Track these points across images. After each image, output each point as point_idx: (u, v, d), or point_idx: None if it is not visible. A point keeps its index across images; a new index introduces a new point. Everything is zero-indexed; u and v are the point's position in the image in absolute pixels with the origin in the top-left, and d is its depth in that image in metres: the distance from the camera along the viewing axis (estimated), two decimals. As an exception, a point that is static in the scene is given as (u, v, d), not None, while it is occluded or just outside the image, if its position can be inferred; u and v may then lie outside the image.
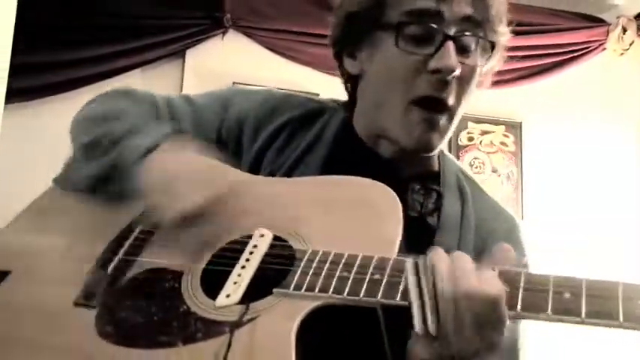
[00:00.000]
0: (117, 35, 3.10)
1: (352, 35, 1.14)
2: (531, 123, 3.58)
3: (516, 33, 3.77)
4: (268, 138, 1.18)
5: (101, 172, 1.11)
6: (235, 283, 0.91)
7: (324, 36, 3.39)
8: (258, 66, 3.29)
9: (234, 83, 3.16)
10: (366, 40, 1.12)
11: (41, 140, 2.81)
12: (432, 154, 1.14)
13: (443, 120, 1.08)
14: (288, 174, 1.15)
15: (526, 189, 3.51)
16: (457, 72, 1.03)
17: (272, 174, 1.15)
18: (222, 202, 1.04)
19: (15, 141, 2.72)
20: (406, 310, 0.80)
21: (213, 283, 0.94)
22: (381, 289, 0.83)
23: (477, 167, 3.48)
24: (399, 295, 0.81)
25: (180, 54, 3.25)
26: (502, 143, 3.54)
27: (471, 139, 3.51)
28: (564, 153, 3.59)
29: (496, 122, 3.54)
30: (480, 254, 1.01)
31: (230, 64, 3.26)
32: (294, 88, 3.20)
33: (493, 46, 1.09)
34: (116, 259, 1.03)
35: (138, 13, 3.14)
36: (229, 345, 0.82)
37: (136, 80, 3.14)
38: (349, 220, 0.97)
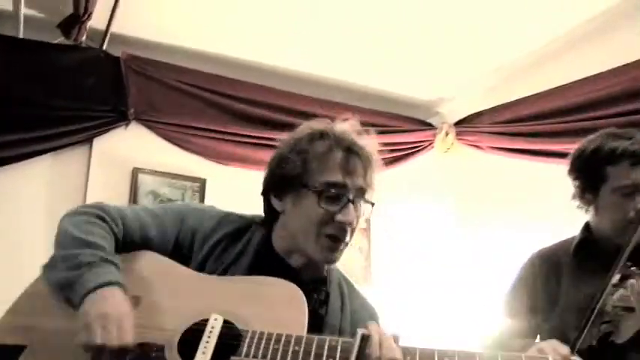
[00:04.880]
0: (31, 123, 3.18)
1: (282, 186, 1.43)
2: (380, 204, 3.97)
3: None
4: (210, 248, 1.43)
5: (63, 282, 1.30)
6: (203, 352, 1.19)
7: (211, 130, 4.21)
8: (156, 153, 3.46)
9: (134, 168, 3.40)
10: (292, 192, 1.41)
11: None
12: (333, 265, 1.47)
13: (342, 246, 1.40)
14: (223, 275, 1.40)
15: (374, 258, 3.86)
16: (354, 224, 1.38)
17: (212, 274, 1.39)
18: (181, 295, 1.32)
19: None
20: None
21: (186, 353, 1.21)
22: (300, 356, 1.15)
23: (334, 241, 3.81)
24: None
25: (88, 142, 3.37)
26: (355, 222, 3.90)
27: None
28: (405, 228, 3.93)
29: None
30: (353, 333, 1.33)
31: (132, 152, 3.43)
32: (186, 174, 3.48)
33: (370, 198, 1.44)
34: None
35: (51, 104, 3.24)
36: None
37: (47, 164, 3.29)
38: (274, 308, 1.26)
